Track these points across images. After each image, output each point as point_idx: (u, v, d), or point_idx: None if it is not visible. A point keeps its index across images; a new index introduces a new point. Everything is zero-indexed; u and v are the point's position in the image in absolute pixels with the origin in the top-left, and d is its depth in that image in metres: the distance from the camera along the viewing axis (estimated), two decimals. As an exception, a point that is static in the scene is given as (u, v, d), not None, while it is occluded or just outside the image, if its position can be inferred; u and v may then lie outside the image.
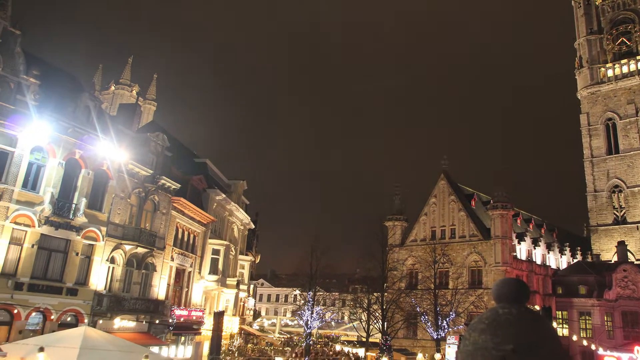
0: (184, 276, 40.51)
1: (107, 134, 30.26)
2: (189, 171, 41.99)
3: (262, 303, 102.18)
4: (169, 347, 35.96)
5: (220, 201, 46.80)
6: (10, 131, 25.02)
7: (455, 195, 62.50)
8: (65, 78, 32.25)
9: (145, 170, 33.32)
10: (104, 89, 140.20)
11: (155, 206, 35.23)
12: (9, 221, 24.89)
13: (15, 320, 25.07)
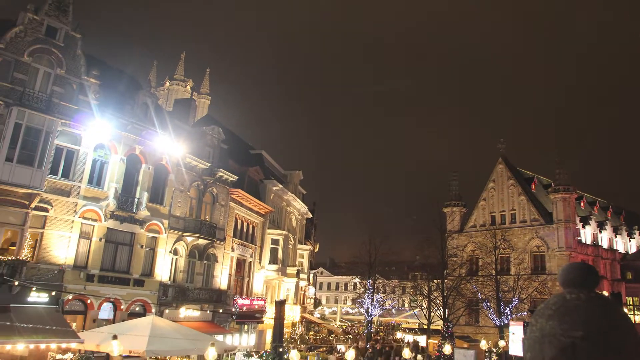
0: (245, 266, 41.17)
1: (165, 129, 30.99)
2: (245, 163, 42.51)
3: (322, 291, 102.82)
4: (233, 336, 36.65)
5: (277, 191, 47.22)
6: (74, 130, 25.99)
7: (514, 179, 60.77)
8: (123, 77, 33.23)
9: (203, 163, 33.94)
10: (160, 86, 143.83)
11: (214, 198, 35.88)
12: (78, 216, 25.95)
13: (89, 310, 26.18)
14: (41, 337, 20.90)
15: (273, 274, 44.69)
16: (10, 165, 22.73)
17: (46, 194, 24.36)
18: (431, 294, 50.14)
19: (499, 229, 56.87)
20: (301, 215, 56.20)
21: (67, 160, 25.83)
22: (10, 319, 20.43)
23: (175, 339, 23.27)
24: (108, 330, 22.62)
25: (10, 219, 23.59)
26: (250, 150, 49.48)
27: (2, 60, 23.56)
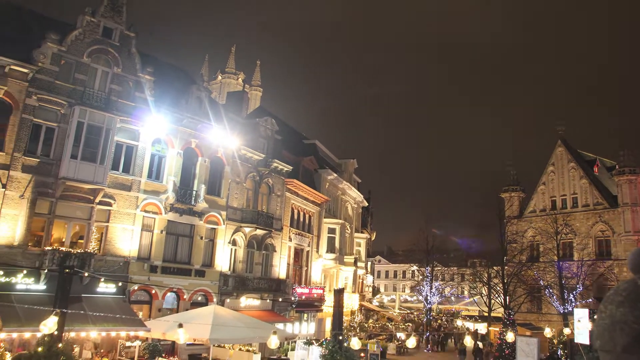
0: (303, 255, 41.43)
1: (219, 122, 31.45)
2: (299, 153, 42.68)
3: (380, 279, 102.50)
4: (293, 324, 36.99)
5: (332, 180, 47.21)
6: (133, 126, 26.73)
7: (575, 162, 58.50)
8: (176, 72, 33.93)
9: (258, 155, 34.27)
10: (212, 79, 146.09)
11: (270, 189, 36.21)
12: (140, 210, 26.73)
13: (154, 299, 26.99)
14: (111, 326, 21.69)
15: (331, 262, 44.79)
16: (75, 162, 23.60)
17: (109, 188, 25.18)
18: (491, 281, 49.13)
19: (560, 213, 55.02)
20: (357, 204, 56.04)
21: (127, 155, 26.62)
22: (83, 308, 21.28)
23: (237, 328, 23.64)
24: (173, 319, 23.22)
25: (77, 213, 24.55)
26: (304, 140, 49.63)
27: (64, 62, 24.46)
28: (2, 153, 22.27)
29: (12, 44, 23.04)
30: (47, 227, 23.48)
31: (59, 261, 21.61)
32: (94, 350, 24.00)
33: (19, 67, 22.77)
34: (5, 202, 22.10)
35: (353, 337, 25.74)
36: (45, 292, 21.52)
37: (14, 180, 22.41)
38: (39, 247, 22.92)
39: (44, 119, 23.71)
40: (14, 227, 22.25)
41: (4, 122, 22.63)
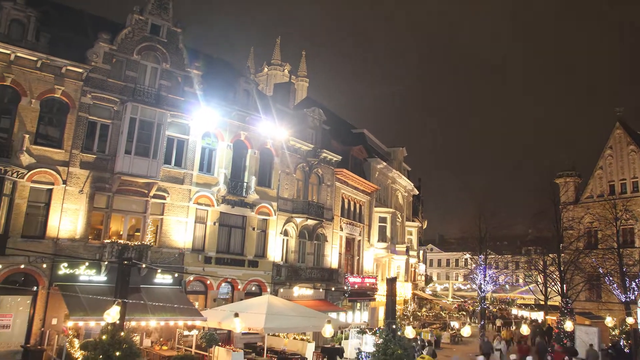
0: (354, 245, 41.30)
1: (267, 113, 31.56)
2: (348, 142, 42.44)
3: (433, 268, 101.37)
4: (346, 313, 36.95)
5: (382, 169, 46.80)
6: (183, 121, 27.12)
7: (635, 144, 55.67)
8: (223, 66, 34.21)
9: (306, 145, 34.25)
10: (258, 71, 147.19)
11: (320, 179, 36.17)
12: (192, 202, 27.14)
13: (209, 290, 27.43)
14: (169, 315, 22.14)
15: (382, 251, 44.51)
16: (129, 157, 24.11)
17: (162, 182, 25.63)
18: (547, 268, 47.62)
19: (619, 199, 52.70)
20: (407, 192, 55.42)
21: (178, 149, 27.03)
22: (142, 298, 21.81)
23: (290, 317, 23.71)
24: (228, 308, 23.52)
25: (133, 207, 25.12)
26: (352, 129, 49.30)
27: (115, 60, 24.97)
28: (62, 150, 22.98)
29: (67, 45, 23.62)
30: (105, 220, 24.13)
31: (118, 253, 22.19)
32: (154, 338, 24.62)
33: (74, 67, 23.37)
34: (66, 197, 22.83)
35: (407, 325, 25.39)
36: (106, 283, 22.22)
37: (73, 176, 23.11)
38: (99, 240, 23.58)
39: (99, 116, 24.30)
40: (75, 221, 22.97)
41: (62, 120, 23.33)
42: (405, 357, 22.35)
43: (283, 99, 36.59)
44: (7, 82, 21.90)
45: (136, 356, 16.15)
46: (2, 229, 20.92)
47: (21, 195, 21.68)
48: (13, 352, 20.95)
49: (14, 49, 21.79)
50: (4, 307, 20.93)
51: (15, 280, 21.11)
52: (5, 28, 22.03)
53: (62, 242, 22.46)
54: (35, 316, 21.57)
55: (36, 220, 22.34)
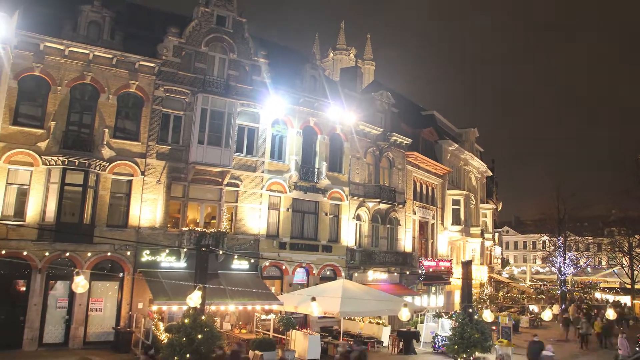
0: (427, 228, 40.46)
1: (335, 99, 31.21)
2: (417, 125, 41.50)
3: (509, 251, 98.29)
4: (421, 297, 36.35)
5: (454, 151, 45.54)
6: (252, 109, 27.24)
7: None
8: (288, 53, 34.13)
9: (376, 129, 33.70)
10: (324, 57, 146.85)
11: (391, 163, 35.58)
12: (265, 189, 27.31)
13: (284, 275, 27.61)
14: (247, 300, 22.40)
15: (456, 234, 43.41)
16: (202, 147, 24.50)
17: (235, 170, 25.91)
18: (632, 250, 44.98)
19: None
20: (480, 174, 53.74)
21: (249, 137, 27.21)
22: (221, 283, 22.14)
23: (366, 301, 23.44)
24: (304, 293, 23.58)
25: (208, 195, 25.57)
26: (422, 111, 48.19)
27: (185, 53, 25.37)
28: (139, 143, 23.67)
29: (139, 41, 24.24)
30: (182, 209, 24.69)
31: (196, 241, 22.59)
32: (233, 322, 25.05)
33: (146, 62, 23.96)
34: (145, 187, 23.53)
35: (485, 309, 24.56)
36: (185, 269, 22.73)
37: (150, 167, 23.76)
38: (177, 228, 24.20)
39: (171, 108, 24.83)
40: (154, 210, 23.64)
41: (138, 114, 24.01)
42: (483, 341, 21.68)
43: (350, 84, 36.13)
44: (87, 80, 22.77)
45: (217, 339, 16.39)
46: (89, 219, 21.84)
47: (104, 186, 22.55)
48: (106, 333, 22.03)
49: (92, 48, 22.62)
50: (96, 292, 21.99)
51: (103, 267, 22.06)
52: (85, 29, 22.85)
53: (143, 230, 23.20)
54: (123, 301, 22.52)
55: (119, 210, 23.20)
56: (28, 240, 20.63)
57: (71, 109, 22.48)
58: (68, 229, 20.84)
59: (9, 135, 20.96)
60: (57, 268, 20.94)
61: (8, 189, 20.95)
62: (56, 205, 21.04)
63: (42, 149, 21.42)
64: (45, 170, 21.37)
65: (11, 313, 20.59)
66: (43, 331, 20.94)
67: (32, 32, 21.48)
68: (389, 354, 25.06)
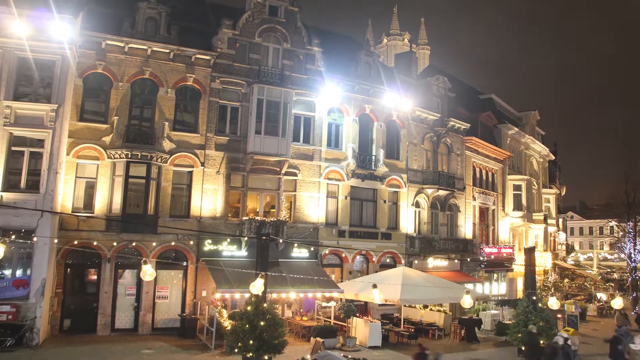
0: (488, 214, 39.33)
1: (390, 85, 30.61)
2: (475, 109, 40.28)
3: (574, 237, 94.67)
4: (483, 284, 35.44)
5: (514, 135, 44.00)
6: (308, 98, 27.05)
7: None
8: (342, 40, 33.72)
9: (433, 115, 32.93)
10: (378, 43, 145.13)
11: (449, 148, 34.73)
12: (323, 177, 27.13)
13: (344, 262, 27.42)
14: (308, 287, 22.37)
15: (518, 220, 42.02)
16: (259, 137, 24.56)
17: (293, 159, 25.85)
18: None
19: None
20: (542, 158, 51.77)
21: (305, 126, 27.07)
22: (281, 271, 22.17)
23: (426, 288, 23.06)
24: (367, 280, 23.34)
25: (267, 184, 25.64)
26: (479, 95, 46.77)
27: (239, 45, 25.44)
28: (198, 135, 23.98)
29: (195, 34, 24.53)
30: (242, 198, 24.85)
31: (256, 229, 22.74)
32: (294, 309, 25.13)
33: (202, 55, 24.17)
34: (205, 178, 23.82)
35: (550, 297, 23.63)
36: (247, 258, 22.92)
37: (209, 159, 24.03)
38: (238, 218, 24.40)
39: (228, 99, 24.98)
40: (215, 200, 23.91)
41: (196, 106, 24.31)
42: (548, 329, 20.84)
43: (405, 69, 35.40)
44: (146, 75, 23.22)
45: (279, 326, 16.40)
46: (153, 210, 22.30)
47: (166, 178, 22.99)
48: (172, 320, 22.59)
49: (150, 44, 23.04)
50: (161, 281, 22.49)
51: (167, 256, 22.58)
52: (142, 26, 23.31)
53: (205, 220, 23.52)
54: (187, 289, 22.96)
55: (180, 201, 23.60)
56: (97, 231, 21.36)
57: (132, 104, 23.03)
58: (133, 220, 21.45)
59: (76, 131, 21.70)
60: (124, 257, 21.57)
61: (77, 182, 21.78)
62: (122, 197, 21.64)
63: (107, 143, 22.06)
64: (110, 164, 22.00)
65: (86, 300, 21.53)
66: (114, 317, 21.70)
67: (95, 32, 22.12)
68: (451, 342, 24.53)
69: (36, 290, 18.66)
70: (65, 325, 20.99)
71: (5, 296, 18.33)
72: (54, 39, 19.84)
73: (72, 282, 21.64)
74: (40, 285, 18.72)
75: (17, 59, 19.80)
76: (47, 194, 19.36)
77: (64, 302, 20.99)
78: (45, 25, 19.63)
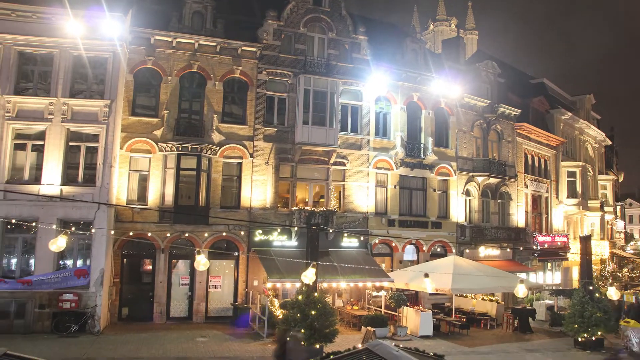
0: (541, 202, 38.22)
1: (438, 72, 30.01)
2: (526, 94, 39.10)
3: (634, 225, 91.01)
4: (537, 273, 34.56)
5: (567, 120, 42.53)
6: (354, 87, 26.81)
7: None
8: (387, 28, 33.19)
9: (482, 101, 32.18)
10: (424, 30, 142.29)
11: (499, 135, 33.89)
12: (371, 167, 26.88)
13: (394, 252, 27.14)
14: (358, 277, 22.30)
15: (573, 208, 40.65)
16: (307, 127, 24.57)
17: (341, 149, 25.71)
18: None
19: None
20: (598, 143, 49.86)
21: (352, 116, 26.85)
22: (331, 261, 22.19)
23: (478, 277, 22.61)
24: (418, 269, 23.12)
25: (315, 175, 25.61)
26: (530, 80, 45.41)
27: (284, 36, 25.47)
28: (246, 126, 24.19)
29: (240, 27, 24.66)
30: (291, 189, 24.95)
31: (305, 219, 22.81)
32: (345, 299, 25.14)
33: (248, 47, 24.31)
34: (255, 169, 24.03)
35: (609, 286, 22.79)
36: (297, 247, 22.99)
37: (258, 150, 24.22)
38: (287, 208, 24.50)
39: (275, 90, 25.06)
40: (265, 191, 24.09)
41: (243, 98, 24.50)
42: (607, 320, 20.09)
43: (453, 56, 34.62)
44: (194, 68, 23.57)
45: (330, 315, 16.38)
46: (204, 201, 22.66)
47: (216, 170, 23.31)
48: (225, 309, 22.97)
49: (197, 37, 23.35)
50: (214, 270, 22.82)
51: (219, 246, 22.88)
52: (189, 20, 23.65)
53: (255, 211, 23.75)
54: (239, 278, 23.28)
55: (230, 192, 23.90)
56: (151, 222, 21.87)
57: (181, 97, 23.43)
58: (185, 211, 21.88)
59: (128, 126, 22.25)
60: (178, 248, 22.06)
61: (131, 175, 22.37)
62: (173, 189, 22.10)
63: (158, 137, 22.52)
64: (161, 157, 22.47)
65: (142, 289, 22.17)
66: (169, 306, 22.24)
67: (144, 28, 22.58)
68: (504, 332, 24.02)
69: (95, 280, 19.29)
70: (123, 313, 21.70)
71: (68, 285, 19.01)
72: (106, 36, 20.36)
73: (129, 271, 22.30)
74: (99, 275, 19.34)
75: (72, 58, 20.43)
76: (103, 187, 19.95)
77: (121, 291, 21.67)
78: (97, 24, 20.17)
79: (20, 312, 18.46)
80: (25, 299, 18.57)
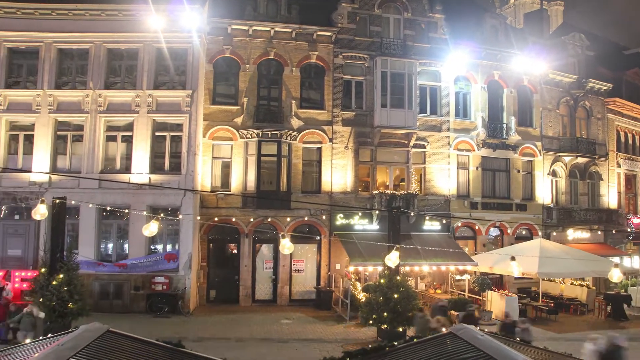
0: (636, 182, 35.85)
1: (520, 48, 28.64)
2: (619, 67, 36.56)
3: None
4: (631, 257, 32.63)
5: (664, 94, 39.80)
6: (432, 68, 26.09)
7: None
8: (464, 4, 31.92)
9: (569, 77, 30.54)
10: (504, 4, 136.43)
11: (588, 112, 32.08)
12: (452, 149, 26.17)
13: (477, 235, 26.39)
14: (440, 260, 21.96)
15: (672, 188, 38.11)
16: (385, 110, 24.30)
17: (420, 131, 25.20)
18: None
19: None
20: (701, 118, 46.35)
21: (431, 97, 26.19)
22: (413, 244, 21.98)
23: (566, 261, 21.61)
24: (502, 253, 22.48)
25: (395, 158, 25.29)
26: (624, 50, 42.57)
27: (359, 18, 25.18)
28: (324, 111, 24.25)
29: (315, 12, 24.49)
30: (371, 172, 24.79)
31: (386, 203, 22.67)
32: (427, 282, 24.92)
33: (323, 31, 24.25)
34: (334, 154, 24.06)
35: None
36: (378, 231, 22.89)
37: (337, 134, 24.23)
38: (368, 192, 24.40)
39: (351, 74, 24.89)
40: (345, 175, 24.10)
41: (320, 83, 24.52)
42: None
43: (536, 30, 32.99)
44: (271, 55, 23.86)
45: (412, 299, 16.28)
46: (285, 187, 22.99)
47: (296, 155, 23.58)
48: (308, 292, 23.30)
49: (272, 25, 23.57)
50: (297, 254, 23.08)
51: (301, 230, 23.11)
52: (264, 8, 23.91)
53: (336, 195, 23.85)
54: (322, 262, 23.48)
55: (311, 177, 24.10)
56: (234, 208, 22.50)
57: (259, 85, 23.81)
58: (267, 196, 22.31)
59: (210, 114, 22.94)
60: (261, 232, 22.55)
61: (214, 162, 23.08)
62: (255, 174, 22.56)
63: (239, 124, 23.06)
64: (243, 144, 22.99)
65: (228, 273, 22.86)
66: (254, 289, 22.83)
67: (220, 18, 23.05)
68: (596, 318, 22.91)
69: (184, 263, 20.13)
70: (211, 296, 22.52)
71: (159, 268, 19.99)
72: (185, 28, 21.02)
73: (215, 256, 23.11)
74: (187, 259, 20.16)
75: (155, 51, 21.27)
76: (188, 175, 20.72)
77: (208, 274, 22.49)
78: (177, 17, 20.85)
79: (118, 293, 19.65)
80: (122, 281, 19.71)
